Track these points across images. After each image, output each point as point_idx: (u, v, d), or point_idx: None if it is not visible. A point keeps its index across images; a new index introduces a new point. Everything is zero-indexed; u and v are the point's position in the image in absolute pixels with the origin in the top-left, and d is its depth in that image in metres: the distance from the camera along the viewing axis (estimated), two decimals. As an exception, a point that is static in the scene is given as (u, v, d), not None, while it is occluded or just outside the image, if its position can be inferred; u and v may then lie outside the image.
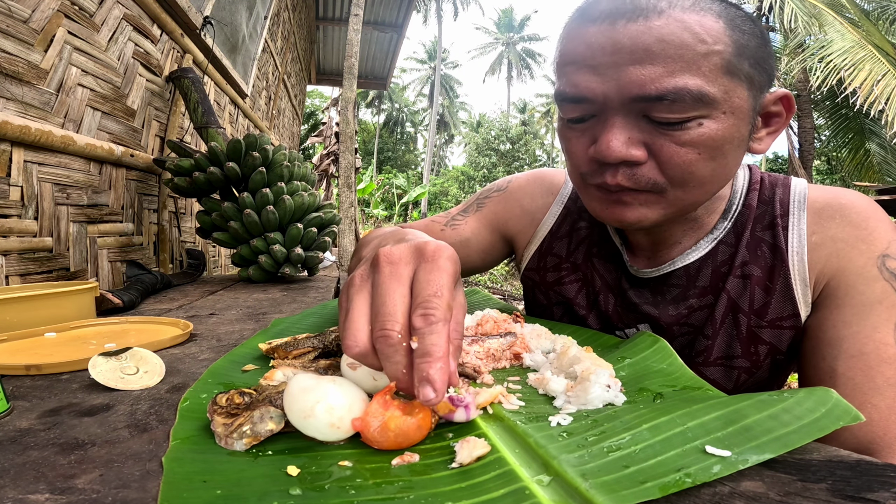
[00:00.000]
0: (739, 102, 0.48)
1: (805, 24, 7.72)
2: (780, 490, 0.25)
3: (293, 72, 4.67)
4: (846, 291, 0.52)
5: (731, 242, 0.59)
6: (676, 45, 0.45)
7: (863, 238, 0.53)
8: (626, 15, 0.47)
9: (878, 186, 5.88)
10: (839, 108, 9.34)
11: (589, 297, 0.68)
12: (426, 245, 0.35)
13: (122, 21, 1.36)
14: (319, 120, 21.19)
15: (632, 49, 0.46)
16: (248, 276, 1.37)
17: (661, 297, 0.62)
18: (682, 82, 0.46)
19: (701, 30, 0.46)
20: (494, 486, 0.26)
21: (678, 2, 0.47)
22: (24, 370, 0.47)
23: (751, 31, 0.48)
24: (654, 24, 0.46)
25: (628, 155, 0.49)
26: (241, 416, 0.32)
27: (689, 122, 0.47)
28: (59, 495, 0.26)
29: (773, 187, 0.60)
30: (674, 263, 0.61)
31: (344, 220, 2.49)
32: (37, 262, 1.03)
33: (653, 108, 0.47)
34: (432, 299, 0.32)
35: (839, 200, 0.56)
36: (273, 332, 0.61)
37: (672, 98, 0.46)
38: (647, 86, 0.46)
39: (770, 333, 0.57)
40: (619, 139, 0.49)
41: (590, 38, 0.49)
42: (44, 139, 1.02)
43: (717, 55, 0.46)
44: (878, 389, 0.48)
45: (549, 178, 0.75)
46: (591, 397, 0.36)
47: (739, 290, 0.58)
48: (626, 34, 0.47)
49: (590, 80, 0.49)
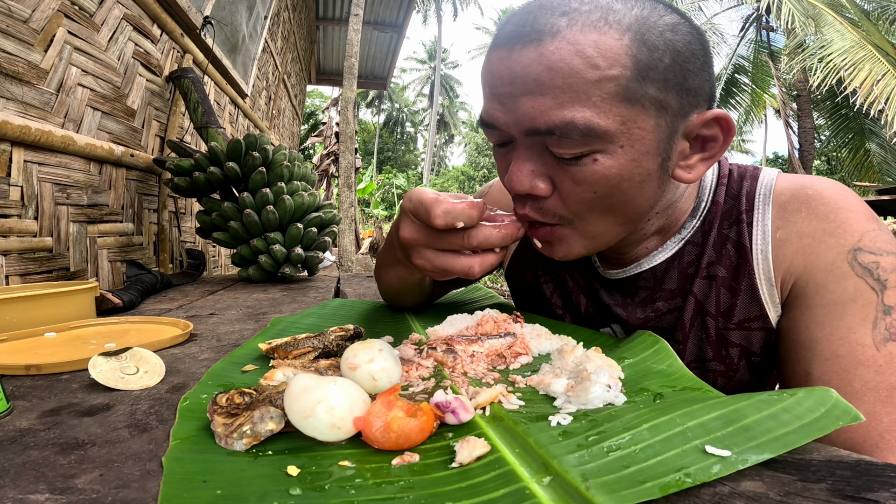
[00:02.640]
0: (641, 133, 0.43)
1: (802, 25, 7.73)
2: (780, 490, 0.25)
3: (293, 72, 4.67)
4: (816, 290, 0.48)
5: (698, 242, 0.56)
6: (565, 74, 0.41)
7: (831, 231, 0.49)
8: (521, 39, 0.43)
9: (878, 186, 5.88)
10: (839, 108, 9.35)
11: (563, 297, 0.68)
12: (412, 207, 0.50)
13: (122, 21, 1.36)
14: (319, 120, 21.20)
15: (524, 79, 0.43)
16: (248, 276, 1.37)
17: (629, 298, 0.60)
18: (570, 115, 0.42)
19: (594, 52, 0.41)
20: (494, 486, 0.26)
21: (580, 17, 0.42)
22: (24, 370, 0.47)
23: (664, 46, 0.42)
24: (547, 49, 0.42)
25: (531, 188, 0.47)
26: (241, 416, 0.32)
27: (584, 158, 0.44)
28: (59, 495, 0.26)
29: (741, 180, 0.56)
30: (640, 265, 0.59)
31: (344, 220, 2.49)
32: (37, 262, 1.03)
33: (549, 142, 0.44)
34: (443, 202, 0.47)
35: (805, 191, 0.51)
36: (273, 332, 0.61)
37: (559, 133, 0.42)
38: (536, 119, 0.43)
39: (739, 335, 0.54)
40: (523, 171, 0.47)
41: (493, 64, 0.46)
42: (44, 139, 1.02)
43: (612, 81, 0.41)
44: (855, 394, 0.44)
45: None
46: (592, 397, 0.36)
47: (706, 292, 0.55)
48: (520, 62, 0.43)
49: (495, 109, 0.46)
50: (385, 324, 0.68)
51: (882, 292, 0.46)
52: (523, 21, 0.44)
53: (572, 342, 0.50)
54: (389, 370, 0.39)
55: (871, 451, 0.44)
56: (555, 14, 0.43)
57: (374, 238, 8.95)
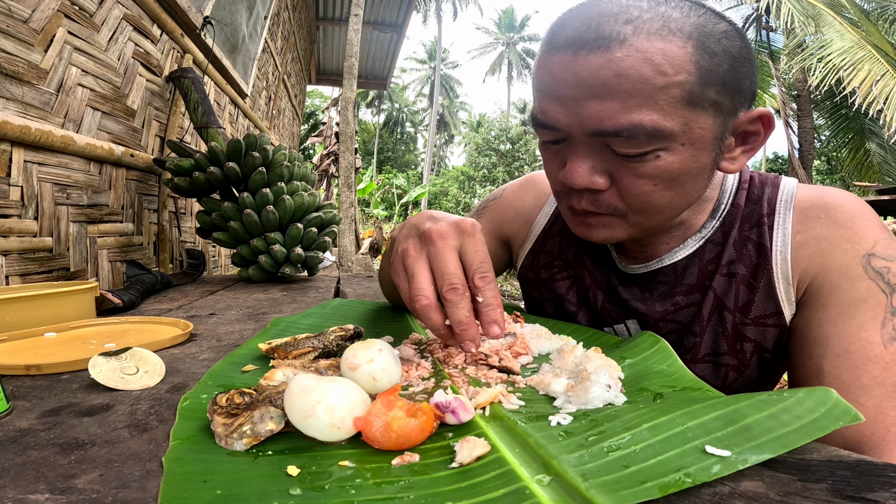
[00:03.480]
0: (701, 133, 0.47)
1: (801, 25, 7.73)
2: (780, 490, 0.25)
3: (293, 72, 4.67)
4: (830, 291, 0.52)
5: (719, 241, 0.60)
6: (634, 80, 0.44)
7: (847, 237, 0.53)
8: (587, 45, 0.46)
9: (878, 186, 5.88)
10: (839, 108, 9.35)
11: (579, 294, 0.70)
12: (463, 222, 0.45)
13: (122, 21, 1.36)
14: (319, 120, 21.20)
15: (591, 83, 0.46)
16: (248, 276, 1.37)
17: (648, 293, 0.63)
18: (638, 119, 0.45)
19: (662, 60, 0.44)
20: (494, 486, 0.26)
21: (644, 25, 0.45)
22: (24, 370, 0.47)
23: (723, 53, 0.46)
24: (615, 55, 0.44)
25: (591, 183, 0.51)
26: (241, 416, 0.32)
27: (647, 155, 0.48)
28: (59, 495, 0.26)
29: (762, 186, 0.60)
30: (661, 261, 0.62)
31: (344, 220, 2.49)
32: (37, 262, 1.03)
33: (612, 142, 0.48)
34: (483, 265, 0.43)
35: (825, 200, 0.55)
36: (273, 332, 0.61)
37: (627, 134, 0.46)
38: (603, 122, 0.46)
39: (754, 331, 0.57)
40: (583, 168, 0.50)
41: (554, 67, 0.48)
42: (44, 139, 1.02)
43: (678, 87, 0.45)
44: (864, 388, 0.48)
45: (541, 180, 0.78)
46: (592, 397, 0.36)
47: (725, 288, 0.58)
48: (587, 67, 0.46)
49: (555, 111, 0.49)
50: (385, 324, 0.68)
51: (892, 295, 0.50)
52: (585, 26, 0.46)
53: (572, 342, 0.50)
54: (389, 370, 0.39)
55: (878, 443, 0.46)
56: (618, 22, 0.45)
57: (374, 238, 8.95)
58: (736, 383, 0.59)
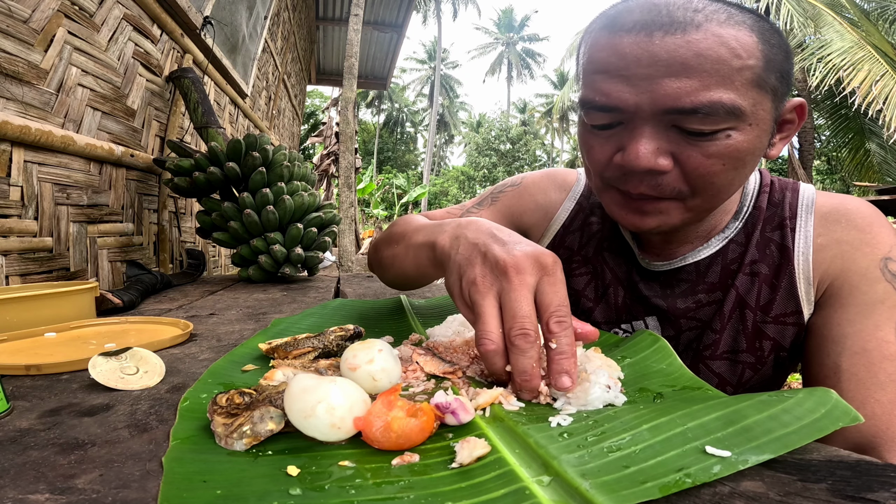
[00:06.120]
0: (764, 114, 0.50)
1: (801, 25, 7.73)
2: (780, 490, 0.25)
3: (293, 72, 4.67)
4: (850, 291, 0.54)
5: (742, 241, 0.62)
6: (713, 60, 0.46)
7: (866, 241, 0.55)
8: (663, 27, 0.48)
9: (877, 186, 5.88)
10: (839, 108, 9.35)
11: (598, 290, 0.70)
12: (543, 256, 0.41)
13: (122, 21, 1.36)
14: (319, 120, 21.20)
15: (669, 62, 0.47)
16: (248, 276, 1.37)
17: (670, 290, 0.64)
18: (717, 96, 0.47)
19: (737, 44, 0.47)
20: (494, 487, 0.26)
21: (714, 15, 0.48)
22: (24, 370, 0.47)
23: (778, 45, 0.50)
24: (693, 37, 0.47)
25: (656, 165, 0.50)
26: (241, 416, 0.32)
27: (719, 134, 0.49)
28: (59, 495, 0.26)
29: (783, 191, 0.62)
30: (685, 259, 0.63)
31: (344, 220, 2.49)
32: (37, 262, 1.03)
33: (685, 120, 0.48)
34: (561, 308, 0.39)
35: (845, 206, 0.58)
36: (273, 332, 0.61)
37: (706, 111, 0.47)
38: (681, 98, 0.47)
39: (774, 329, 0.59)
40: (648, 149, 0.50)
41: (623, 48, 0.49)
42: (44, 139, 1.02)
43: (750, 69, 0.47)
44: (880, 385, 0.50)
45: (562, 175, 0.78)
46: (592, 398, 0.36)
47: (747, 287, 0.60)
48: (664, 47, 0.47)
49: (622, 91, 0.50)
50: (385, 324, 0.68)
51: None
52: (655, 12, 0.49)
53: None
54: (389, 370, 0.39)
55: (893, 437, 0.48)
56: (688, 10, 0.48)
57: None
58: (751, 381, 0.61)
